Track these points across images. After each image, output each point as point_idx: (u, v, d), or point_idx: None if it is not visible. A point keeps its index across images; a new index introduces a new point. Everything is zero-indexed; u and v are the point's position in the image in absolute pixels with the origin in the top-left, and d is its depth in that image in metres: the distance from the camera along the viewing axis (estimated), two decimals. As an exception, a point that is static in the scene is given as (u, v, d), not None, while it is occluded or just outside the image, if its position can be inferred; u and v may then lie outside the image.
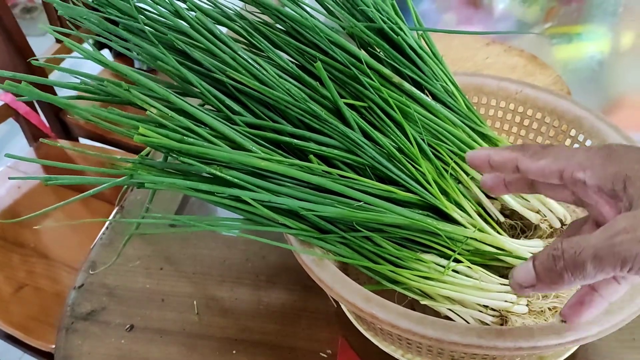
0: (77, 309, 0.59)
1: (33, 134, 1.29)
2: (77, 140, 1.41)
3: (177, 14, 0.49)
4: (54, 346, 0.95)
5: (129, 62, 1.47)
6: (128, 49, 0.51)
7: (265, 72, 0.50)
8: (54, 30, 0.47)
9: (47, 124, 1.33)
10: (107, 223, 0.68)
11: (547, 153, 0.35)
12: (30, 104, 1.25)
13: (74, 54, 1.40)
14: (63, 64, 1.40)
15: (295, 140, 0.49)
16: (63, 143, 1.31)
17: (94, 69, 0.52)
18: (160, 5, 0.49)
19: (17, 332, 0.97)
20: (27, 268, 1.06)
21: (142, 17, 0.48)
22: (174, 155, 0.44)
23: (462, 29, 1.00)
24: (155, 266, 0.63)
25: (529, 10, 1.01)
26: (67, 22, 0.50)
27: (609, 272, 0.29)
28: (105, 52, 1.86)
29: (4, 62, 1.19)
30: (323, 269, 0.45)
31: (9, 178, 0.45)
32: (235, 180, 0.42)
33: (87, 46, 0.47)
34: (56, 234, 1.11)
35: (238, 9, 0.57)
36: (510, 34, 0.97)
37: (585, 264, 0.29)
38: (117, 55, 1.49)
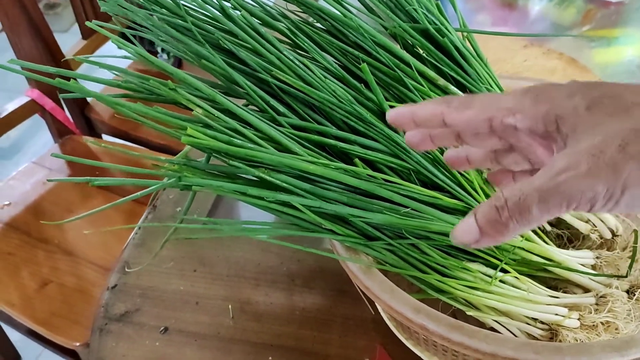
0: (111, 309, 0.58)
1: (58, 129, 1.29)
2: (101, 137, 1.41)
3: (224, 12, 0.48)
4: (77, 343, 0.95)
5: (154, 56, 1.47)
6: (149, 43, 0.50)
7: (310, 73, 0.49)
8: (99, 26, 0.46)
9: (72, 120, 1.33)
10: (139, 223, 0.67)
11: (472, 103, 0.34)
12: (56, 100, 1.25)
13: (100, 50, 1.38)
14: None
15: (341, 144, 0.48)
16: (86, 140, 1.31)
17: (116, 63, 0.51)
18: (207, 4, 0.48)
19: (41, 328, 0.97)
20: (52, 264, 1.06)
21: (187, 16, 0.47)
22: (220, 157, 0.43)
23: (497, 30, 0.98)
24: (189, 268, 0.62)
25: (565, 12, 0.99)
26: (96, 17, 0.50)
27: (554, 212, 0.29)
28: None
29: (33, 58, 1.19)
30: (370, 277, 0.43)
31: (48, 180, 0.44)
32: (284, 184, 0.40)
33: (136, 42, 0.46)
34: (80, 230, 1.11)
35: (280, 7, 0.55)
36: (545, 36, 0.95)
37: (530, 208, 0.28)
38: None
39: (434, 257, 0.47)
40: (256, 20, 0.50)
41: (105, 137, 1.42)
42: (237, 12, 0.50)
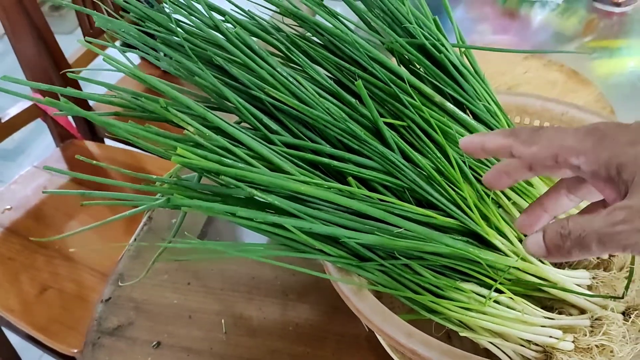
0: (104, 323, 0.58)
1: (60, 133, 1.29)
2: (103, 141, 1.41)
3: (216, 27, 0.47)
4: (75, 350, 0.96)
5: (156, 66, 1.46)
6: (157, 59, 0.50)
7: (304, 90, 0.49)
8: (88, 42, 0.46)
9: (74, 124, 1.33)
10: (135, 234, 0.67)
11: (538, 137, 0.36)
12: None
13: (100, 58, 1.39)
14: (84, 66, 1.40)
15: (334, 162, 0.47)
16: (88, 145, 1.31)
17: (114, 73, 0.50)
18: (199, 19, 0.47)
19: (40, 334, 0.97)
20: (51, 270, 1.06)
21: (180, 30, 0.47)
22: (211, 177, 0.42)
23: (498, 39, 0.97)
24: (183, 281, 0.62)
25: (567, 22, 0.98)
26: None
27: (612, 252, 0.34)
28: (132, 56, 1.86)
29: (35, 62, 1.19)
30: (361, 299, 0.43)
31: (43, 192, 0.44)
32: (276, 202, 0.40)
33: (127, 57, 0.46)
34: (80, 236, 1.11)
35: (275, 21, 0.55)
36: (547, 46, 0.95)
37: (590, 245, 0.32)
38: (143, 58, 1.49)
39: (427, 278, 0.47)
40: (249, 34, 0.49)
41: (107, 141, 1.43)
42: (231, 26, 0.49)
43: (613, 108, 0.75)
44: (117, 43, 0.83)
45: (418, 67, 0.56)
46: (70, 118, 1.32)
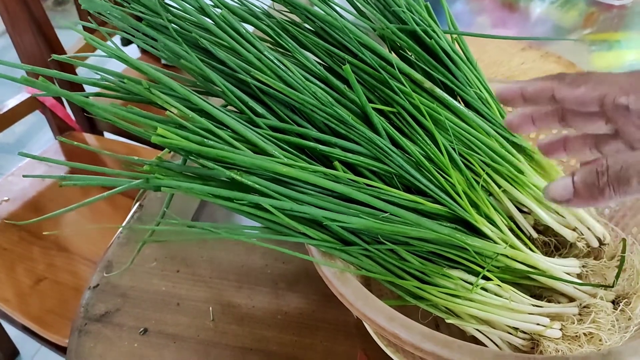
0: (91, 310, 0.58)
1: (59, 126, 1.29)
2: (102, 134, 1.41)
3: (202, 10, 0.47)
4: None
5: (156, 57, 1.46)
6: (152, 46, 0.50)
7: (291, 74, 0.48)
8: (82, 27, 0.45)
9: (73, 117, 1.33)
10: (125, 222, 0.67)
11: (586, 80, 0.34)
12: (56, 97, 1.25)
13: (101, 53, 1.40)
14: (91, 57, 1.40)
15: (320, 146, 0.47)
16: (87, 138, 1.31)
17: (120, 63, 0.50)
18: (186, 2, 0.47)
19: (35, 325, 0.97)
20: (47, 261, 1.06)
21: (167, 13, 0.47)
22: (193, 158, 0.42)
23: (497, 32, 0.96)
24: (172, 268, 0.62)
25: (566, 15, 0.97)
26: (97, 16, 0.49)
27: None
28: (133, 47, 1.87)
29: (34, 55, 1.19)
30: (344, 283, 0.43)
31: (23, 176, 0.44)
32: (256, 186, 0.40)
33: (113, 41, 0.46)
34: (77, 226, 1.11)
35: (265, 7, 0.55)
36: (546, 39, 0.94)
37: (630, 179, 0.29)
38: (144, 50, 1.49)
39: (413, 264, 0.46)
40: (236, 18, 0.49)
41: (107, 134, 1.43)
42: (219, 10, 0.49)
43: (610, 99, 0.74)
44: (116, 37, 0.82)
45: (409, 53, 0.56)
46: (69, 110, 1.32)
